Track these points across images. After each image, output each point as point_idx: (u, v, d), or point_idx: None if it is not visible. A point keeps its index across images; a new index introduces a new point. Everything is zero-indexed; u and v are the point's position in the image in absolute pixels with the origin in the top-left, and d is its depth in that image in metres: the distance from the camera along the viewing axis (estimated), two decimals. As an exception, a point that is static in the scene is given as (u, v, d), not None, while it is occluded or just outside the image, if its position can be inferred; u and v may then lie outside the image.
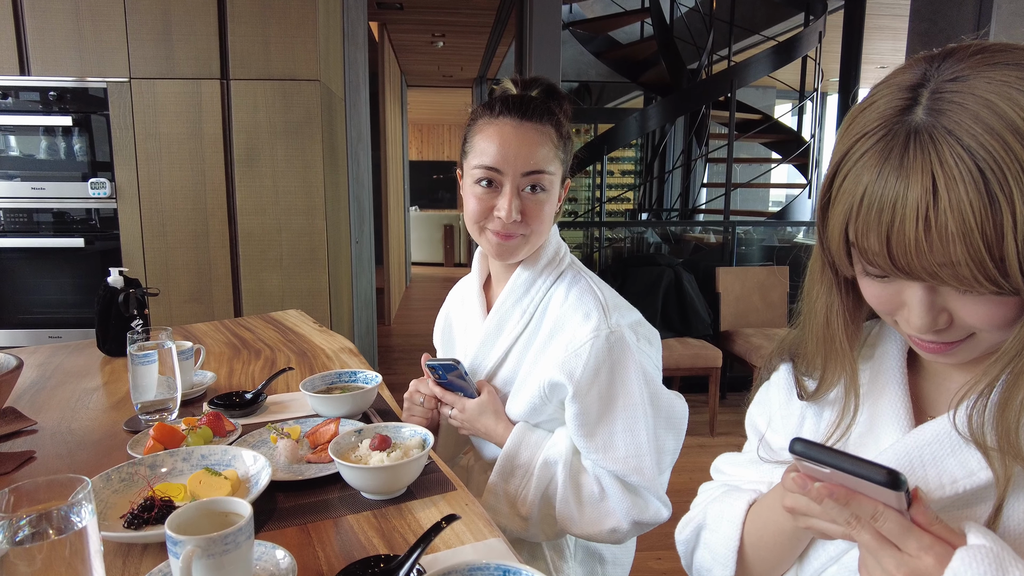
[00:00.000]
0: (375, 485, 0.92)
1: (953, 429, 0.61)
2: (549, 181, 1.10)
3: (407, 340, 5.71)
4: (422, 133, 13.21)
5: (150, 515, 0.83)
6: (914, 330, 0.58)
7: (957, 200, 0.51)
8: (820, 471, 0.56)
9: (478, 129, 1.12)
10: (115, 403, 1.32)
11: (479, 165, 1.09)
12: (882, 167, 0.55)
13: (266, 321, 2.03)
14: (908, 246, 0.53)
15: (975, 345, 0.59)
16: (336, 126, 3.10)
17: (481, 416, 1.16)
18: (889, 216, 0.54)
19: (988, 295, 0.54)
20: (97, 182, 2.65)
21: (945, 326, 0.58)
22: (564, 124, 1.15)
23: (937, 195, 0.51)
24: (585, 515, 1.08)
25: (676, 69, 5.44)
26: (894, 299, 0.59)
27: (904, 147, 0.54)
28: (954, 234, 0.51)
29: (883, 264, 0.56)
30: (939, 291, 0.57)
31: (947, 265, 0.53)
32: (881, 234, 0.55)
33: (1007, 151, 0.50)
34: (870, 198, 0.55)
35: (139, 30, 2.59)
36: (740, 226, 4.34)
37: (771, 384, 0.84)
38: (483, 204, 1.10)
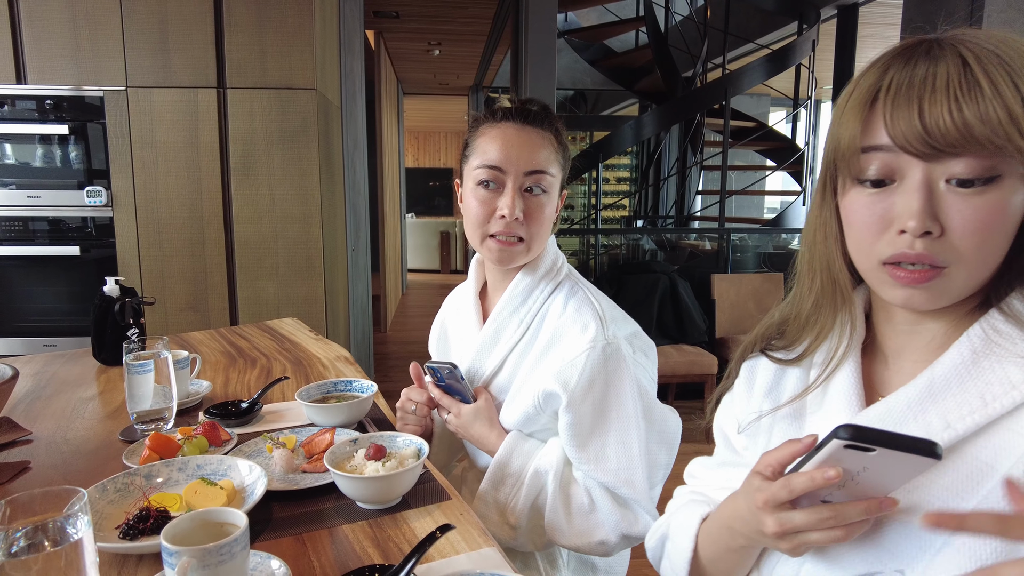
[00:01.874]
0: (370, 495, 0.92)
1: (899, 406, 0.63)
2: (550, 183, 1.12)
3: (403, 347, 5.71)
4: (418, 141, 13.23)
5: (146, 525, 0.84)
6: (910, 230, 0.59)
7: (986, 71, 0.56)
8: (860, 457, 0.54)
9: (480, 133, 1.14)
10: (111, 413, 1.32)
11: (481, 165, 1.11)
12: (908, 59, 0.59)
13: (262, 329, 2.03)
14: (942, 111, 0.56)
15: (948, 283, 0.60)
16: (332, 134, 3.11)
17: (475, 422, 1.17)
18: (920, 89, 0.57)
19: (984, 198, 0.57)
20: (93, 190, 2.65)
21: (936, 234, 0.59)
22: (562, 134, 1.17)
23: (968, 66, 0.56)
24: (574, 526, 1.08)
25: (671, 77, 5.47)
26: (886, 214, 0.61)
27: (928, 49, 0.59)
28: (991, 98, 0.55)
29: (914, 141, 0.58)
30: (937, 191, 0.58)
31: (979, 129, 0.55)
32: (912, 106, 0.57)
33: (1021, 57, 0.57)
34: (899, 80, 0.59)
35: (136, 39, 2.60)
36: (735, 233, 4.36)
37: (735, 388, 0.85)
38: (485, 207, 1.11)
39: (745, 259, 4.46)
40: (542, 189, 1.11)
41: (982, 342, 0.61)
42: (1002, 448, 0.59)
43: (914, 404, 0.63)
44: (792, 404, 0.75)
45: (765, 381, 0.79)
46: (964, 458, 0.60)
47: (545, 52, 3.96)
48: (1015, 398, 0.58)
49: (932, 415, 0.62)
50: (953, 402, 0.61)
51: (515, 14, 4.18)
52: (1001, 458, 0.58)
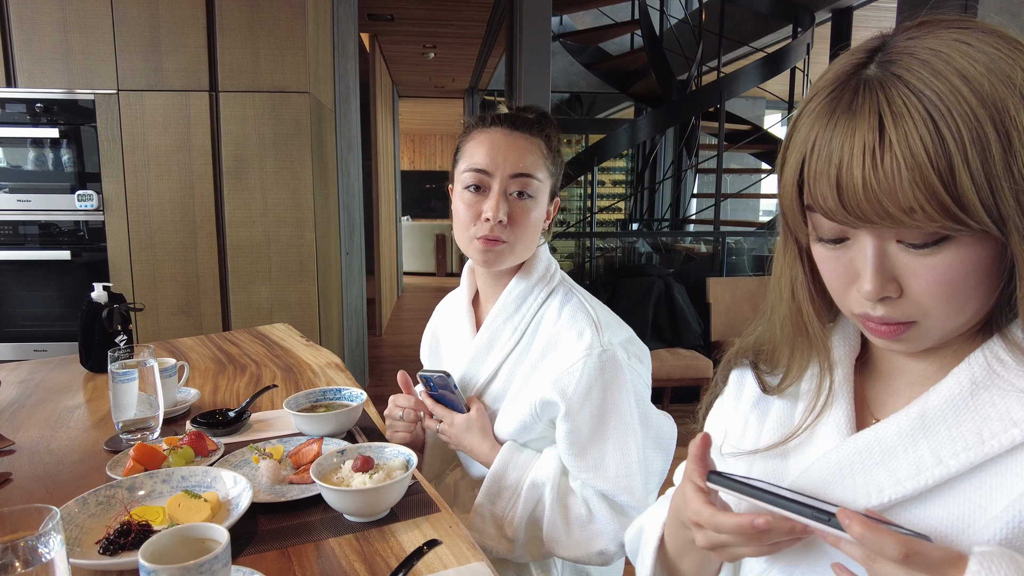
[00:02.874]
0: (357, 508, 0.90)
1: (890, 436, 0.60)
2: (536, 187, 1.11)
3: (398, 351, 5.69)
4: (414, 143, 13.22)
5: (127, 540, 0.82)
6: (865, 295, 0.57)
7: (905, 135, 0.50)
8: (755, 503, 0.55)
9: (470, 138, 1.14)
10: (97, 421, 1.31)
11: (468, 168, 1.11)
12: (831, 115, 0.55)
13: (253, 335, 2.01)
14: (856, 187, 0.52)
15: (923, 332, 0.57)
16: (326, 137, 3.09)
17: (467, 433, 1.16)
18: (838, 159, 0.53)
19: (939, 257, 0.53)
20: (84, 194, 2.63)
21: (895, 295, 0.56)
22: (554, 140, 1.16)
23: (884, 132, 0.51)
24: (573, 537, 1.07)
25: (666, 80, 5.47)
26: (848, 270, 0.58)
27: (853, 95, 0.54)
28: (902, 168, 0.50)
29: (835, 211, 0.55)
30: (889, 253, 0.55)
31: (898, 204, 0.51)
32: (831, 179, 0.54)
33: (955, 94, 0.50)
34: (819, 145, 0.55)
35: (127, 42, 2.59)
36: (730, 236, 4.35)
37: (724, 395, 0.83)
38: (472, 209, 1.11)
39: (740, 262, 4.46)
40: (528, 194, 1.10)
41: (983, 372, 0.57)
42: (997, 489, 0.55)
43: (905, 435, 0.59)
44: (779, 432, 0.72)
45: (753, 392, 0.77)
46: (955, 498, 0.57)
47: (540, 55, 3.95)
48: (1015, 436, 0.54)
49: (923, 449, 0.58)
50: (947, 436, 0.57)
51: (510, 17, 4.17)
52: (995, 500, 0.55)
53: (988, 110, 0.50)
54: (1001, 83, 0.50)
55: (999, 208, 0.50)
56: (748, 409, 0.77)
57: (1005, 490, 0.54)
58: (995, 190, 0.50)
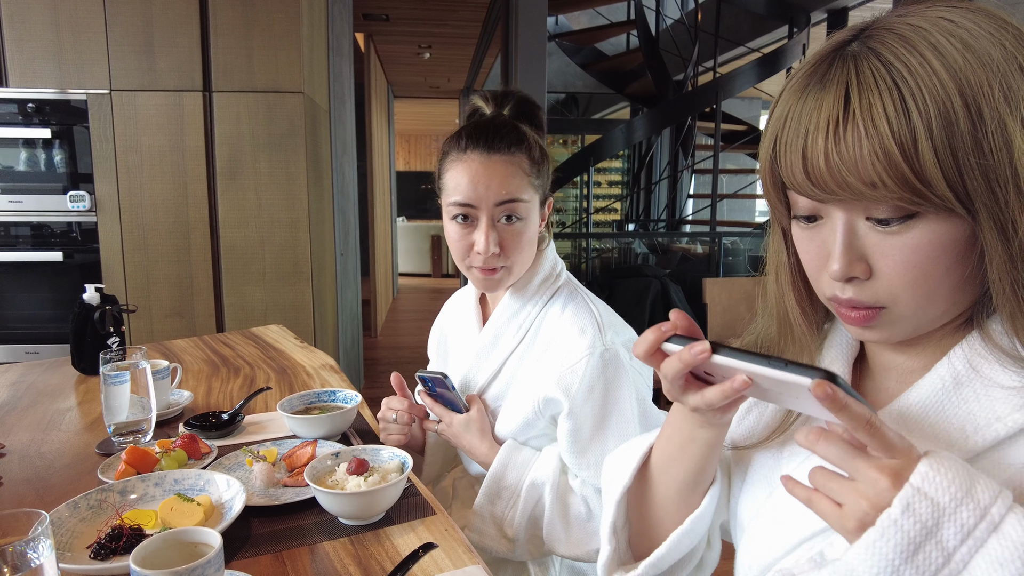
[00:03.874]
0: (352, 511, 0.89)
1: None
2: (524, 209, 1.10)
3: (394, 352, 5.67)
4: (409, 144, 13.20)
5: (118, 545, 0.81)
6: (832, 275, 0.56)
7: (869, 105, 0.50)
8: (748, 368, 0.52)
9: (449, 165, 1.11)
10: (89, 424, 1.29)
11: (452, 202, 1.09)
12: (805, 88, 0.54)
13: (247, 337, 2.00)
14: (819, 158, 0.52)
15: (894, 320, 0.56)
16: (320, 138, 3.08)
17: (466, 432, 1.16)
18: (804, 129, 0.53)
19: (906, 236, 0.52)
20: (77, 195, 2.61)
21: (863, 276, 0.55)
22: (536, 147, 1.13)
23: (849, 103, 0.51)
24: (572, 536, 1.07)
25: (662, 81, 5.47)
26: (821, 250, 0.57)
27: (828, 67, 0.54)
28: (863, 138, 0.50)
29: (802, 184, 0.54)
30: (859, 232, 0.55)
31: (859, 176, 0.51)
32: (798, 150, 0.54)
33: (925, 67, 0.49)
34: (791, 118, 0.55)
35: (120, 42, 2.57)
36: (726, 237, 4.35)
37: None
38: (463, 241, 1.11)
39: (737, 263, 4.46)
40: (517, 217, 1.09)
41: (965, 369, 0.56)
42: None
43: None
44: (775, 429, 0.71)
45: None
46: None
47: (535, 55, 3.94)
48: (999, 432, 0.53)
49: None
50: (930, 434, 0.56)
51: (505, 17, 4.16)
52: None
53: (959, 84, 0.49)
54: (977, 59, 0.50)
55: (965, 184, 0.50)
56: (748, 404, 0.76)
57: None
58: (961, 165, 0.49)
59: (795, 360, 0.50)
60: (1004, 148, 0.49)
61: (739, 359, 0.52)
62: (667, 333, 0.58)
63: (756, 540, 0.68)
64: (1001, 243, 0.51)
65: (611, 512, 0.75)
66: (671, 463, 0.71)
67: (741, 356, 0.52)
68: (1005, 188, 0.50)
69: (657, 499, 0.74)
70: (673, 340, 0.58)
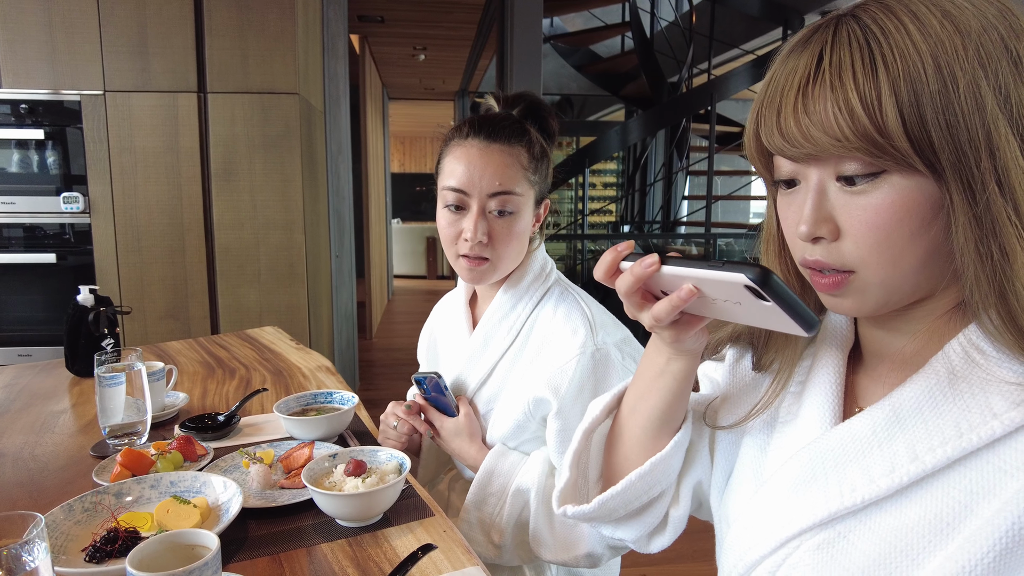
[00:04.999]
0: (349, 512, 0.89)
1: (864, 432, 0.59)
2: (517, 203, 1.09)
3: (389, 355, 5.66)
4: (404, 145, 13.18)
5: (113, 548, 0.80)
6: (800, 235, 0.57)
7: (838, 61, 0.52)
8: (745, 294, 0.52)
9: (449, 151, 1.12)
10: (83, 426, 1.28)
11: (446, 187, 1.09)
12: (788, 55, 0.57)
13: (242, 339, 1.99)
14: (789, 113, 0.54)
15: (863, 286, 0.57)
16: (315, 139, 3.07)
17: (456, 437, 1.16)
18: (780, 87, 0.55)
19: (872, 196, 0.53)
20: (70, 196, 2.60)
21: (830, 238, 0.56)
22: (538, 144, 1.13)
23: (821, 61, 0.53)
24: (558, 540, 1.06)
25: (657, 82, 5.48)
26: (797, 215, 0.58)
27: (812, 34, 0.56)
28: (827, 92, 0.52)
29: (777, 141, 0.56)
30: (828, 193, 0.56)
31: (824, 130, 0.52)
32: (774, 109, 0.56)
33: (900, 30, 0.51)
34: (772, 81, 0.57)
35: (114, 43, 2.56)
36: (721, 238, 4.36)
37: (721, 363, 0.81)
38: (452, 228, 1.10)
39: (731, 264, 4.47)
40: (509, 210, 1.09)
41: (962, 362, 0.55)
42: (980, 486, 0.52)
43: (879, 431, 0.58)
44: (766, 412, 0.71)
45: (747, 370, 0.76)
46: (933, 495, 0.54)
47: (531, 57, 3.94)
48: (995, 429, 0.52)
49: (899, 444, 0.56)
50: (923, 430, 0.55)
51: (500, 19, 4.16)
52: (979, 498, 0.52)
53: (932, 48, 0.50)
54: (955, 27, 0.51)
55: (932, 143, 0.50)
56: (740, 386, 0.76)
57: (990, 486, 0.52)
58: (928, 123, 0.50)
59: (734, 261, 0.51)
60: (976, 111, 0.50)
61: (683, 266, 0.54)
62: (623, 252, 0.60)
63: (742, 536, 0.68)
64: (968, 203, 0.51)
65: (576, 440, 0.77)
66: (641, 399, 0.72)
67: (686, 263, 0.54)
68: (976, 149, 0.50)
69: (625, 438, 0.74)
70: (629, 259, 0.60)
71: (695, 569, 2.45)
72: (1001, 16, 0.52)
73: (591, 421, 0.77)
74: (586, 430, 0.77)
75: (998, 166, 0.50)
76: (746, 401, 0.74)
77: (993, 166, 0.50)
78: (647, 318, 0.61)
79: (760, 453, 0.71)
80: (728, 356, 0.79)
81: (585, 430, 0.77)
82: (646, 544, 0.80)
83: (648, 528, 0.78)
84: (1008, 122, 0.50)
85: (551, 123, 1.18)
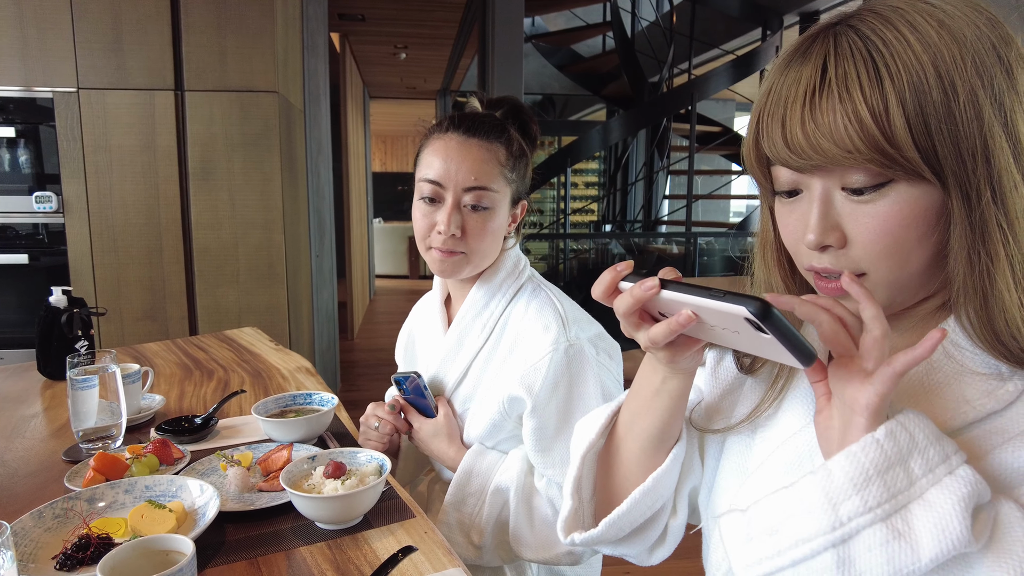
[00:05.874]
0: (329, 515, 0.88)
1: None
2: (492, 199, 1.09)
3: (371, 355, 5.62)
4: (386, 145, 13.12)
5: (85, 555, 0.78)
6: (808, 244, 0.58)
7: (844, 74, 0.53)
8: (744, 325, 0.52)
9: (428, 144, 1.12)
10: (55, 431, 1.26)
11: (422, 179, 1.09)
12: (788, 64, 0.57)
13: (220, 340, 1.97)
14: (796, 125, 0.54)
15: (871, 288, 0.58)
16: (295, 138, 3.04)
17: (434, 438, 1.15)
18: (784, 99, 0.56)
19: (880, 204, 0.54)
20: (43, 196, 2.55)
21: (837, 246, 0.57)
22: (516, 143, 1.13)
23: (826, 73, 0.54)
24: (538, 538, 1.06)
25: (637, 82, 5.50)
26: (800, 224, 0.59)
27: (810, 44, 0.56)
28: (836, 104, 0.53)
29: (781, 152, 0.56)
30: (835, 202, 0.57)
31: (833, 141, 0.53)
32: (778, 120, 0.56)
33: (900, 41, 0.52)
34: (773, 91, 0.57)
35: (87, 39, 2.51)
36: (702, 237, 4.39)
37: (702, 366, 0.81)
38: (427, 220, 1.10)
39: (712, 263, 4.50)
40: (483, 206, 1.08)
41: (939, 355, 0.58)
42: None
43: None
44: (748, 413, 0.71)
45: (730, 372, 0.76)
46: None
47: (512, 56, 3.94)
48: (967, 414, 0.55)
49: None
50: None
51: (482, 18, 4.15)
52: None
53: (932, 58, 0.51)
54: (951, 36, 0.52)
55: (936, 151, 0.52)
56: (723, 388, 0.76)
57: None
58: (933, 133, 0.51)
59: (735, 292, 0.51)
60: (975, 119, 0.51)
61: (684, 293, 0.54)
62: (622, 273, 0.60)
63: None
64: (965, 209, 0.53)
65: (576, 467, 0.76)
66: (637, 417, 0.71)
67: (686, 290, 0.54)
68: (974, 157, 0.52)
69: (623, 457, 0.74)
70: (628, 279, 0.59)
71: (678, 565, 2.46)
72: (991, 25, 0.53)
73: (587, 444, 0.75)
74: (583, 454, 0.75)
75: (993, 174, 0.52)
76: (732, 403, 0.74)
77: (988, 173, 0.52)
78: (643, 338, 0.61)
79: (745, 449, 0.71)
80: (708, 359, 0.79)
81: (583, 455, 0.75)
82: (647, 558, 0.80)
83: (650, 543, 0.78)
84: (1003, 129, 0.52)
85: (532, 127, 1.18)
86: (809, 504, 0.51)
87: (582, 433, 0.78)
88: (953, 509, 0.48)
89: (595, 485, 0.77)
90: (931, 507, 0.49)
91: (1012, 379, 0.55)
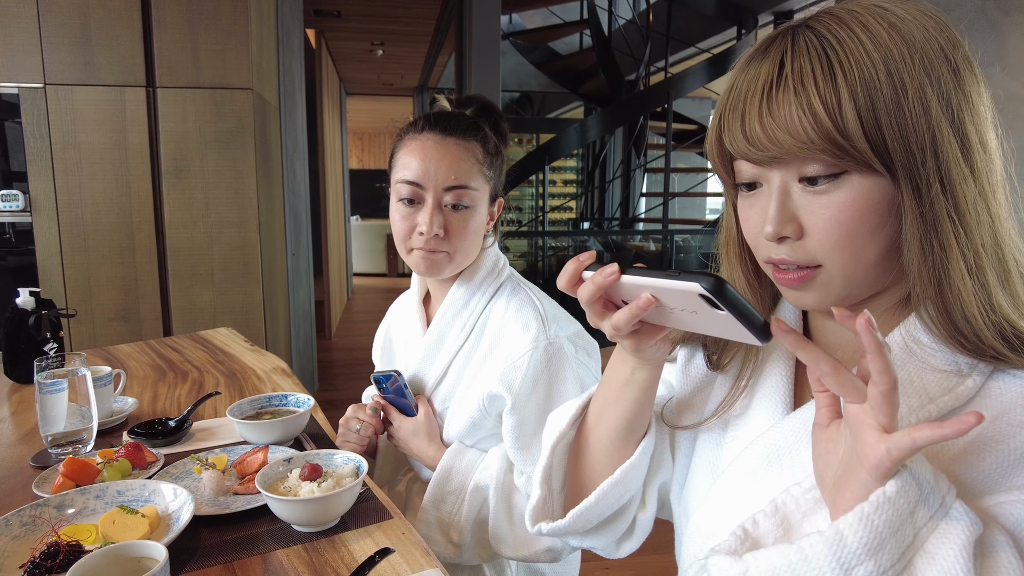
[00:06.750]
0: (305, 517, 0.87)
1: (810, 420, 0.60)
2: (472, 197, 1.09)
3: (349, 354, 5.58)
4: (363, 142, 13.03)
5: (54, 563, 0.76)
6: (766, 235, 0.59)
7: (800, 69, 0.55)
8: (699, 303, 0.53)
9: (403, 145, 1.11)
10: (23, 436, 1.23)
11: (401, 180, 1.08)
12: (748, 63, 0.59)
13: (195, 340, 1.94)
14: (754, 118, 0.56)
15: (826, 280, 0.59)
16: (270, 135, 3.00)
17: (414, 437, 1.15)
18: (743, 93, 0.58)
19: (834, 196, 0.56)
20: (9, 194, 2.49)
21: (794, 237, 0.58)
22: (492, 141, 1.13)
23: (783, 68, 0.56)
24: (518, 536, 1.06)
25: (615, 80, 5.52)
26: (760, 217, 0.60)
27: (769, 44, 0.59)
28: (791, 97, 0.55)
29: (741, 146, 0.58)
30: (792, 194, 0.58)
31: (789, 133, 0.55)
32: (737, 114, 0.58)
33: (853, 39, 0.54)
34: (734, 88, 0.59)
35: (54, 33, 2.45)
36: (678, 234, 4.42)
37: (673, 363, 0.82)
38: (407, 222, 1.09)
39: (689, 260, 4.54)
40: (464, 204, 1.09)
41: (901, 351, 0.59)
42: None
43: None
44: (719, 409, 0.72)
45: (700, 369, 0.77)
46: None
47: (489, 54, 3.93)
48: (931, 412, 0.56)
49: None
50: None
51: (459, 15, 4.14)
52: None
53: (883, 56, 0.54)
54: (901, 37, 0.54)
55: (887, 144, 0.54)
56: (694, 385, 0.77)
57: None
58: (883, 126, 0.53)
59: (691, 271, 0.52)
60: (923, 115, 0.54)
61: (642, 276, 0.55)
62: (585, 262, 0.61)
63: (701, 527, 0.69)
64: (915, 201, 0.55)
65: (546, 456, 0.77)
66: (607, 408, 0.72)
67: (645, 273, 0.55)
68: (923, 150, 0.54)
69: (592, 448, 0.75)
70: (591, 268, 0.61)
71: (656, 561, 2.49)
72: (939, 28, 0.56)
73: (558, 434, 0.76)
74: (553, 444, 0.76)
75: (941, 167, 0.54)
76: (703, 400, 0.75)
77: (937, 166, 0.54)
78: (608, 327, 0.61)
79: (716, 447, 0.72)
80: (680, 356, 0.80)
81: (553, 444, 0.76)
82: (615, 550, 0.81)
83: (617, 535, 0.78)
84: (950, 125, 0.54)
85: (502, 125, 1.19)
86: (818, 568, 0.50)
87: (553, 423, 0.79)
88: (956, 560, 0.48)
89: (565, 476, 0.78)
90: (934, 560, 0.49)
91: (971, 375, 0.57)
